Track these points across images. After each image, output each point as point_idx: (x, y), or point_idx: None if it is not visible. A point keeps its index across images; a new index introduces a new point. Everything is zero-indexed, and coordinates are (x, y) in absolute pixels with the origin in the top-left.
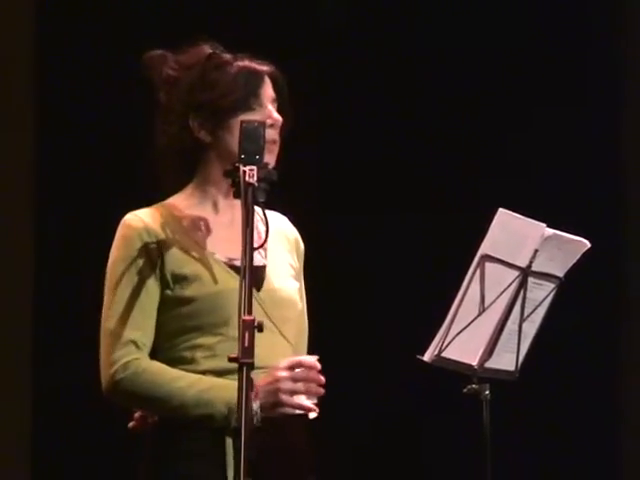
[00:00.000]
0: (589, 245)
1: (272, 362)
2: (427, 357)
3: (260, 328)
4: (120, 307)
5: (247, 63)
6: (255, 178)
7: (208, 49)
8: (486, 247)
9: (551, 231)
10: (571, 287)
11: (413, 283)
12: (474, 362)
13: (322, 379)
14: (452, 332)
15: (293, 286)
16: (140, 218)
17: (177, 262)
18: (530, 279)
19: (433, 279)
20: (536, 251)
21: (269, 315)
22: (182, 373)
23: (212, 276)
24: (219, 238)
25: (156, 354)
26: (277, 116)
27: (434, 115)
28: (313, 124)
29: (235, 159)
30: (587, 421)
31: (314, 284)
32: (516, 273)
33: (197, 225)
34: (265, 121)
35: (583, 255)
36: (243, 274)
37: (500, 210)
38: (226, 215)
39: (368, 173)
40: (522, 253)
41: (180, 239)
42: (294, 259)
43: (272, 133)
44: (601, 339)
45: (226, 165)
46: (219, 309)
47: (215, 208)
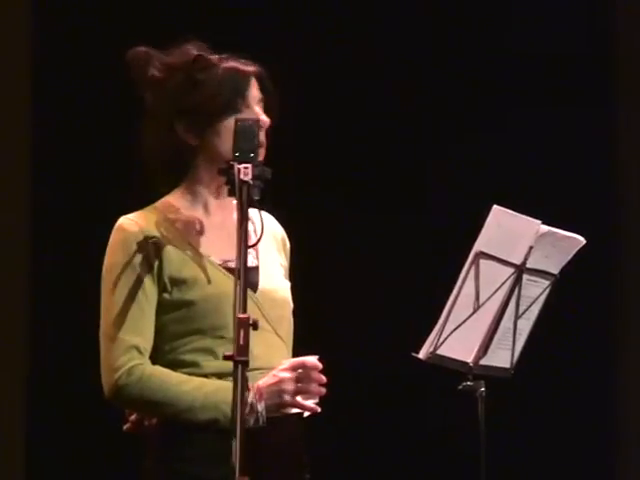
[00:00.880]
0: (584, 242)
1: (270, 362)
2: (422, 355)
3: (255, 326)
4: (120, 312)
5: (233, 64)
6: (250, 176)
7: (194, 50)
8: (481, 244)
9: (546, 228)
10: (566, 283)
11: (407, 280)
12: (469, 359)
13: (324, 379)
14: (447, 329)
15: (286, 285)
16: (135, 222)
17: (174, 265)
18: (525, 276)
19: (427, 276)
20: (531, 248)
21: (266, 316)
22: (186, 377)
23: (209, 279)
24: (212, 240)
25: (156, 357)
26: (264, 117)
27: (427, 112)
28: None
29: (223, 160)
30: (582, 418)
31: (309, 280)
32: (511, 270)
33: (191, 227)
34: (259, 119)
35: (578, 252)
36: (237, 272)
37: (495, 207)
38: (217, 216)
39: (362, 169)
40: (517, 250)
41: (176, 241)
42: (283, 258)
43: (260, 134)
44: (596, 336)
45: (214, 166)
46: (218, 311)
47: (206, 209)
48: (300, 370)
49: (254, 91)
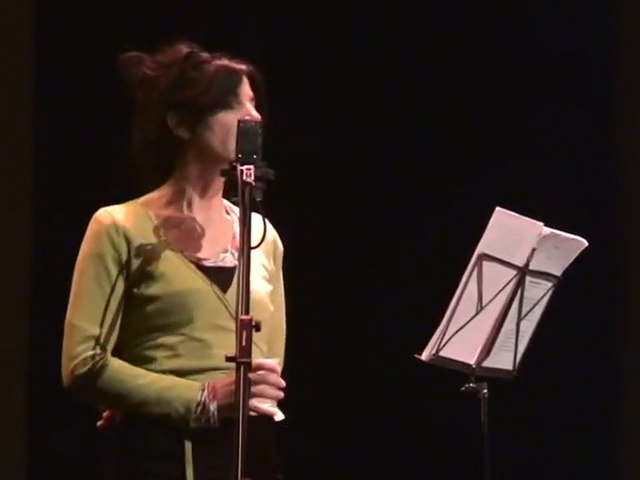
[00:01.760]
0: (587, 244)
1: None
2: (425, 356)
3: (258, 327)
4: (84, 302)
5: (225, 62)
6: (252, 177)
7: (186, 48)
8: (483, 246)
9: (549, 230)
10: (569, 285)
11: (410, 282)
12: (472, 361)
13: (282, 382)
14: (450, 331)
15: (263, 288)
16: (110, 214)
17: (144, 260)
18: (528, 278)
19: (430, 278)
20: (534, 250)
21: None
22: (144, 372)
23: (177, 275)
24: (191, 237)
25: (121, 352)
26: (256, 114)
27: (431, 113)
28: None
29: (213, 156)
30: (585, 420)
31: (307, 283)
32: (514, 272)
33: (169, 224)
34: (262, 120)
35: (581, 254)
36: (240, 274)
37: (498, 209)
38: (200, 215)
39: (363, 169)
40: (519, 252)
41: (149, 237)
42: (269, 261)
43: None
44: (599, 338)
45: (204, 162)
46: (183, 309)
47: (189, 207)
48: (258, 372)
49: (246, 89)
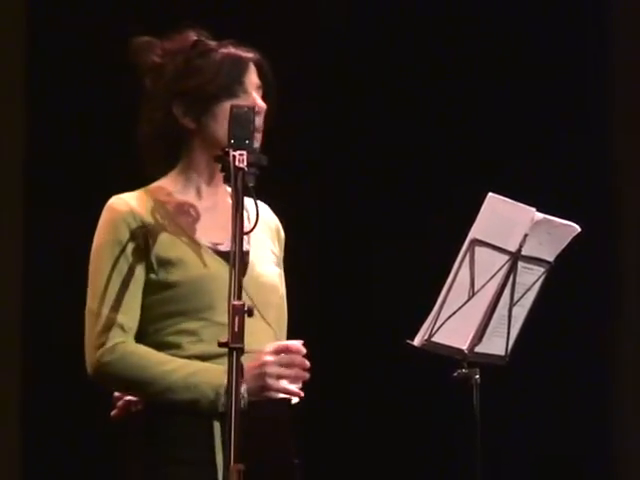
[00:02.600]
0: (579, 229)
1: (254, 346)
2: (417, 342)
3: (250, 313)
4: (106, 290)
5: (232, 50)
6: (245, 163)
7: (193, 36)
8: (476, 231)
9: (541, 215)
10: (561, 271)
11: (402, 268)
12: (464, 346)
13: (307, 364)
14: (442, 317)
15: (275, 272)
16: (125, 202)
17: (162, 246)
18: (520, 263)
19: (423, 264)
20: (526, 235)
21: (252, 300)
22: (169, 357)
23: (196, 261)
24: (203, 223)
25: (141, 338)
26: (261, 103)
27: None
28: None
29: (219, 145)
30: (578, 405)
31: (303, 270)
32: (506, 257)
33: (181, 210)
34: (254, 106)
35: (573, 239)
36: (233, 259)
37: (490, 194)
38: (209, 201)
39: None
40: (512, 237)
41: (165, 223)
42: (275, 246)
43: (256, 120)
44: (592, 324)
45: (210, 151)
46: (203, 293)
47: (198, 194)
48: (284, 354)
49: (252, 77)
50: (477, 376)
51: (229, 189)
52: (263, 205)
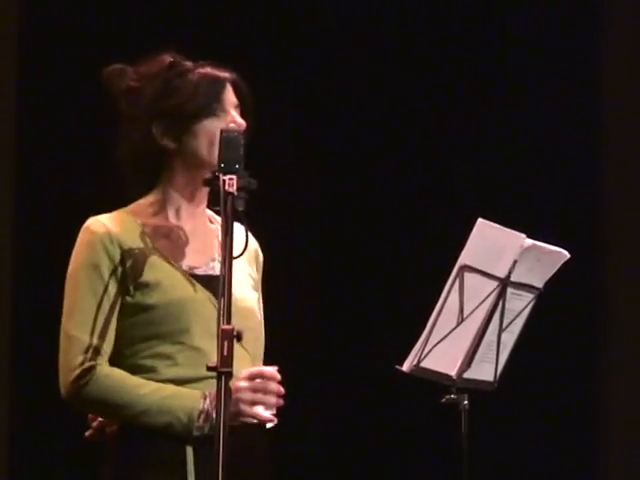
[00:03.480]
0: (568, 256)
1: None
2: (406, 367)
3: (239, 337)
4: (81, 313)
5: (208, 70)
6: (235, 187)
7: (169, 58)
8: (465, 257)
9: (530, 242)
10: (550, 297)
11: (392, 293)
12: (453, 372)
13: (281, 390)
14: (431, 342)
15: (253, 296)
16: (102, 223)
17: (139, 269)
18: (509, 289)
19: (412, 289)
20: (515, 262)
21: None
22: (143, 381)
23: (173, 284)
24: (180, 246)
25: (118, 361)
26: (241, 121)
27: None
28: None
29: (200, 164)
30: (567, 431)
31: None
32: (495, 283)
33: (159, 232)
34: (244, 130)
35: (562, 265)
36: (222, 283)
37: (480, 220)
38: (188, 223)
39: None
40: (501, 263)
41: (143, 245)
42: (253, 270)
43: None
44: (580, 349)
45: (191, 170)
46: (179, 317)
47: (177, 215)
48: (258, 380)
49: (230, 96)
50: (465, 402)
51: (209, 212)
52: (242, 227)
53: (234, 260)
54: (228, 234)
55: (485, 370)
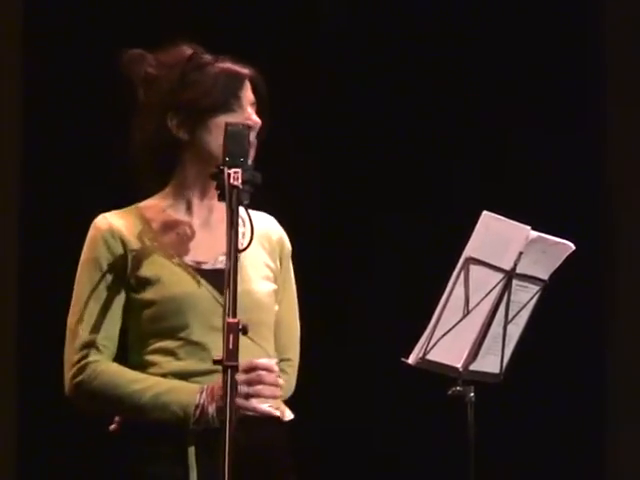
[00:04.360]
0: (574, 248)
1: None
2: (411, 360)
3: (245, 330)
4: (82, 308)
5: (228, 65)
6: (240, 181)
7: (189, 50)
8: (470, 249)
9: (535, 234)
10: (556, 288)
11: (397, 286)
12: (459, 365)
13: (278, 382)
14: (436, 335)
15: (265, 288)
16: (107, 220)
17: (140, 265)
18: (514, 281)
19: (418, 281)
20: (520, 254)
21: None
22: (141, 376)
23: (174, 279)
24: (188, 241)
25: (127, 358)
26: (256, 119)
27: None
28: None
29: (212, 159)
30: (573, 423)
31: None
32: (500, 276)
33: (168, 227)
34: (249, 124)
35: (568, 257)
36: (227, 277)
37: (485, 213)
38: (199, 217)
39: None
40: (506, 256)
41: (146, 242)
42: (273, 260)
43: (250, 135)
44: (587, 341)
45: (202, 165)
46: (179, 313)
47: (189, 210)
48: (254, 372)
49: (247, 93)
50: (472, 394)
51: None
52: (267, 217)
53: (245, 251)
54: (232, 227)
55: (491, 362)
